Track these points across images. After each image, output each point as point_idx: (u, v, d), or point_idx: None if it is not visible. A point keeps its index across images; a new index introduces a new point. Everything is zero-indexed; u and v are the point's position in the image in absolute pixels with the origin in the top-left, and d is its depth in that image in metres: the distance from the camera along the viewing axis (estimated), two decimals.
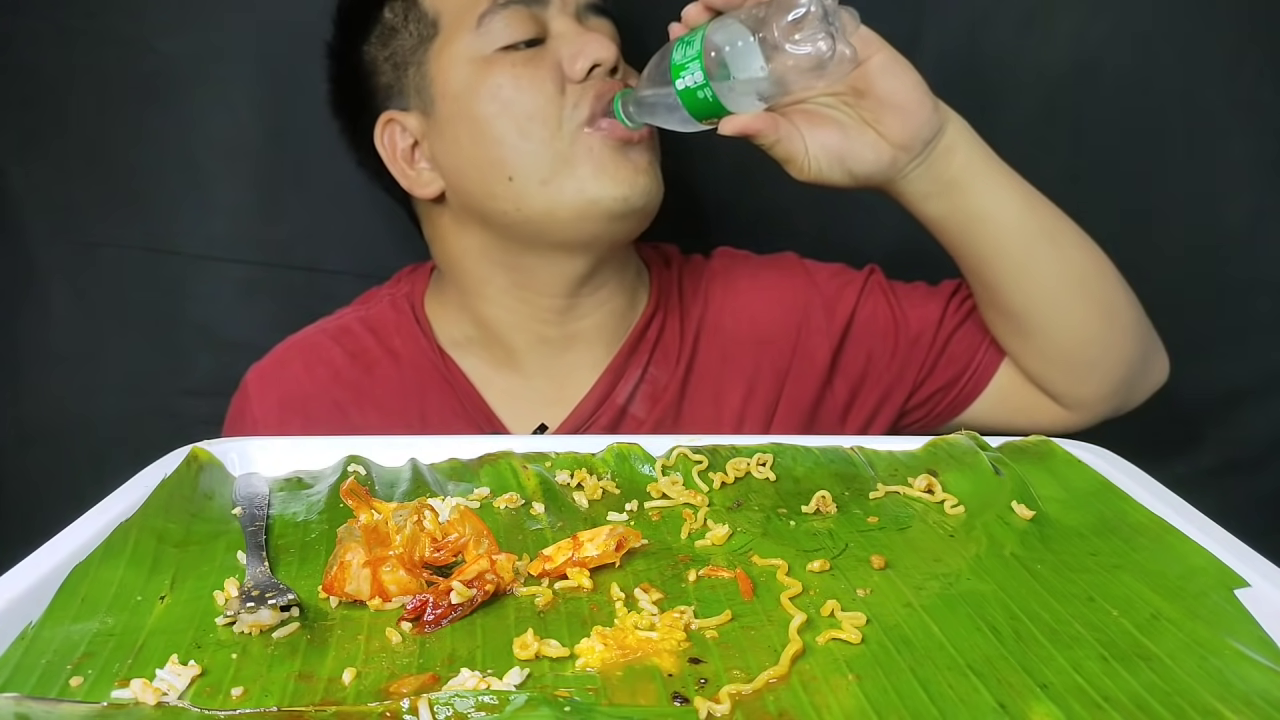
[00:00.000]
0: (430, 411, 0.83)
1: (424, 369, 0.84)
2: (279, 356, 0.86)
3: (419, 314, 0.86)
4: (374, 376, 0.84)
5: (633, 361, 0.84)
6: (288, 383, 0.84)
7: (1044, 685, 0.41)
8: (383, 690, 0.41)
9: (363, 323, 0.86)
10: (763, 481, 0.62)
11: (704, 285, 0.88)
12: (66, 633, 0.46)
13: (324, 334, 0.86)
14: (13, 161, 0.95)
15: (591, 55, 0.77)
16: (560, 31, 0.78)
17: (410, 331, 0.85)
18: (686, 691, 0.41)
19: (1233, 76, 0.95)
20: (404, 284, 0.90)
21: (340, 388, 0.83)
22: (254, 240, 0.98)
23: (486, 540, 0.51)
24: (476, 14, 0.78)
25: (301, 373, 0.84)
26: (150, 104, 0.94)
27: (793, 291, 0.87)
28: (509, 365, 0.84)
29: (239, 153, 0.96)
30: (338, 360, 0.84)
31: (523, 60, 0.77)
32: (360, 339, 0.85)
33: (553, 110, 0.76)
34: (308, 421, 0.82)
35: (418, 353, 0.84)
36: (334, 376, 0.83)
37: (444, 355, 0.84)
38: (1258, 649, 0.44)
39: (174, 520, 0.56)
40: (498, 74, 0.77)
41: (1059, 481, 0.60)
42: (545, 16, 0.79)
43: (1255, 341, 0.99)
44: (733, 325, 0.86)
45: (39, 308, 0.98)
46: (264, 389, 0.84)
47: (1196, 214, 0.97)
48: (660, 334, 0.86)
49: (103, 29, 0.92)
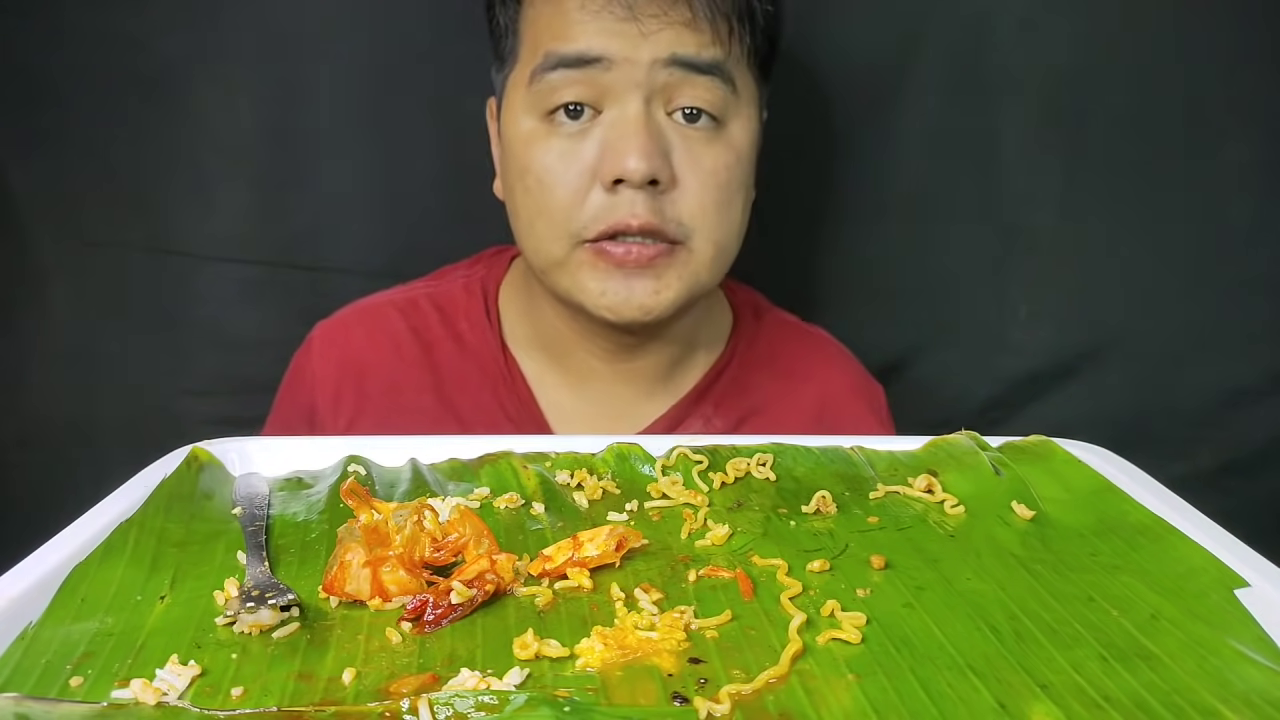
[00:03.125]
0: (482, 405, 0.81)
1: (485, 360, 0.82)
2: (345, 318, 0.85)
3: (490, 303, 0.84)
4: (433, 357, 0.82)
5: (695, 411, 0.82)
6: (349, 346, 0.83)
7: (1044, 685, 0.41)
8: (383, 690, 0.41)
9: (430, 299, 0.85)
10: (763, 481, 0.62)
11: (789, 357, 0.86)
12: (66, 633, 0.45)
13: (392, 305, 0.85)
14: (13, 161, 0.95)
15: (617, 167, 0.71)
16: (612, 117, 0.72)
17: (478, 319, 0.83)
18: (686, 691, 0.41)
19: (1233, 76, 0.95)
20: (482, 266, 0.87)
21: (398, 361, 0.82)
22: (255, 240, 0.97)
23: (486, 540, 0.51)
24: (532, 67, 0.73)
25: (363, 339, 0.83)
26: (152, 103, 0.94)
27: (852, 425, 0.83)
28: (568, 378, 0.82)
29: (241, 152, 0.96)
30: (400, 333, 0.83)
31: (563, 141, 0.72)
32: (426, 315, 0.84)
33: (565, 215, 0.73)
34: (361, 389, 0.81)
35: (481, 343, 0.83)
36: (394, 349, 0.82)
37: (507, 351, 0.83)
38: (1258, 649, 0.44)
39: (174, 520, 0.56)
40: (534, 150, 0.73)
41: (1059, 481, 0.60)
42: (606, 83, 0.71)
43: (1255, 341, 0.99)
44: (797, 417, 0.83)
45: (39, 308, 0.98)
46: (326, 347, 0.83)
47: (1196, 214, 0.97)
48: (730, 388, 0.83)
49: (104, 28, 0.92)
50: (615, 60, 0.71)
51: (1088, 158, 0.97)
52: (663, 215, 0.72)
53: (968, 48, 0.95)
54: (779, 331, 0.88)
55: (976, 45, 0.95)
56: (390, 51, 0.94)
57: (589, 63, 0.71)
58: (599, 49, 0.71)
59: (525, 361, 0.83)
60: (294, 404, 0.84)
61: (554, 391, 0.82)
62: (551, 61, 0.72)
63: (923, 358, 1.01)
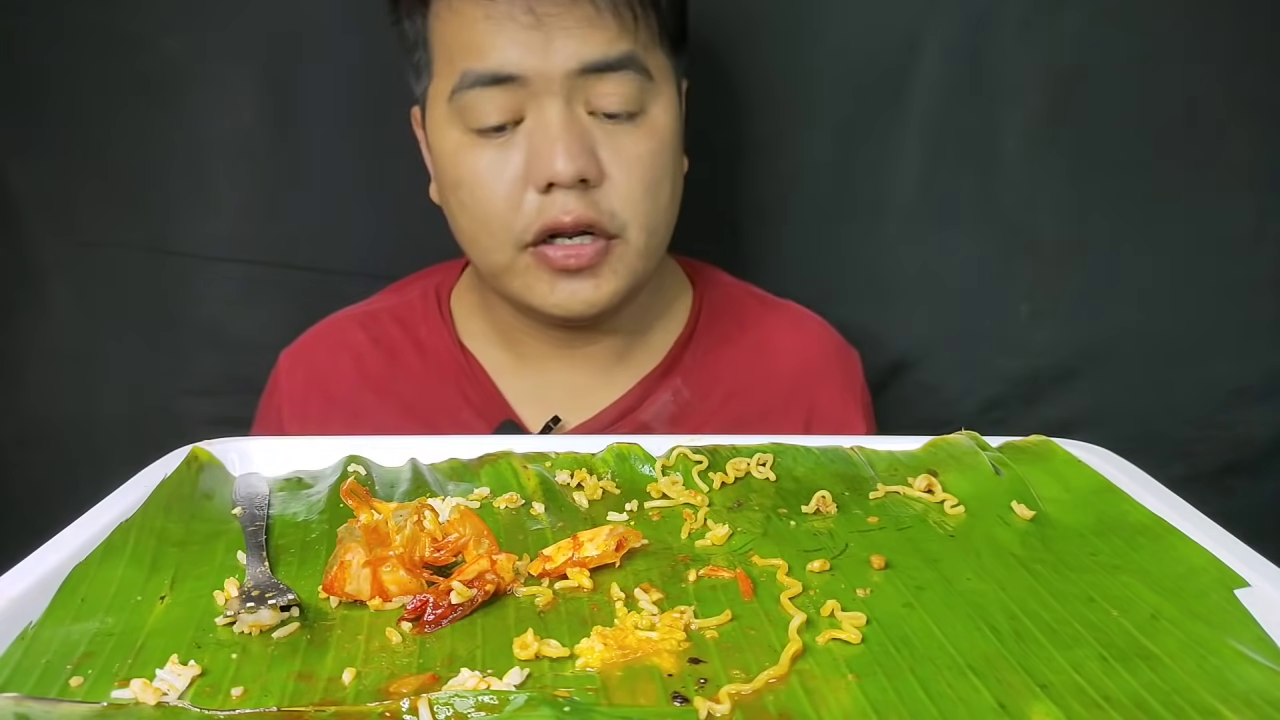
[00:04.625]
0: (446, 401, 0.83)
1: (445, 361, 0.84)
2: (308, 338, 0.87)
3: (444, 306, 0.86)
4: (396, 366, 0.84)
5: (663, 383, 0.83)
6: (313, 364, 0.85)
7: (1044, 685, 0.41)
8: (383, 690, 0.41)
9: (390, 311, 0.87)
10: (763, 481, 0.62)
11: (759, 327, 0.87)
12: (66, 633, 0.46)
13: (352, 319, 0.87)
14: (13, 161, 0.95)
15: (546, 172, 0.72)
16: (535, 124, 0.73)
17: (434, 322, 0.85)
18: (686, 691, 0.41)
19: (1233, 76, 0.95)
20: (436, 274, 0.89)
21: (361, 374, 0.84)
22: (255, 240, 0.97)
23: (486, 540, 0.51)
24: (450, 85, 0.74)
25: (326, 356, 0.85)
26: (151, 103, 0.94)
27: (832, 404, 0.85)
28: (526, 365, 0.84)
29: (240, 152, 0.96)
30: (362, 346, 0.85)
31: (491, 152, 0.74)
32: (386, 327, 0.86)
33: (503, 224, 0.74)
34: (329, 404, 0.83)
35: (439, 343, 0.85)
36: (356, 362, 0.84)
37: (464, 349, 0.84)
38: (1258, 649, 0.44)
39: (174, 520, 0.56)
40: (463, 163, 0.75)
41: (1059, 481, 0.60)
42: (524, 96, 0.73)
43: (1255, 341, 0.99)
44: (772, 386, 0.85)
45: (39, 308, 0.98)
46: (292, 369, 0.85)
47: (1196, 214, 0.97)
48: (697, 359, 0.84)
49: (103, 28, 0.92)
50: (529, 76, 0.72)
51: (1088, 158, 0.97)
52: (597, 208, 0.74)
53: (968, 48, 0.95)
54: (747, 302, 0.89)
55: (977, 45, 0.95)
56: (389, 52, 0.94)
57: (504, 80, 0.72)
58: (513, 66, 0.72)
59: (483, 355, 0.84)
60: (266, 430, 0.85)
61: (515, 379, 0.84)
62: (469, 80, 0.73)
63: (923, 358, 1.01)
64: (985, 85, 0.95)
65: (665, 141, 0.76)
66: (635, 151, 0.75)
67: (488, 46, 0.72)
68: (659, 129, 0.76)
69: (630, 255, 0.76)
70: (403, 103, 0.95)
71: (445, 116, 0.75)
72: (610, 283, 0.76)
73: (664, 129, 0.76)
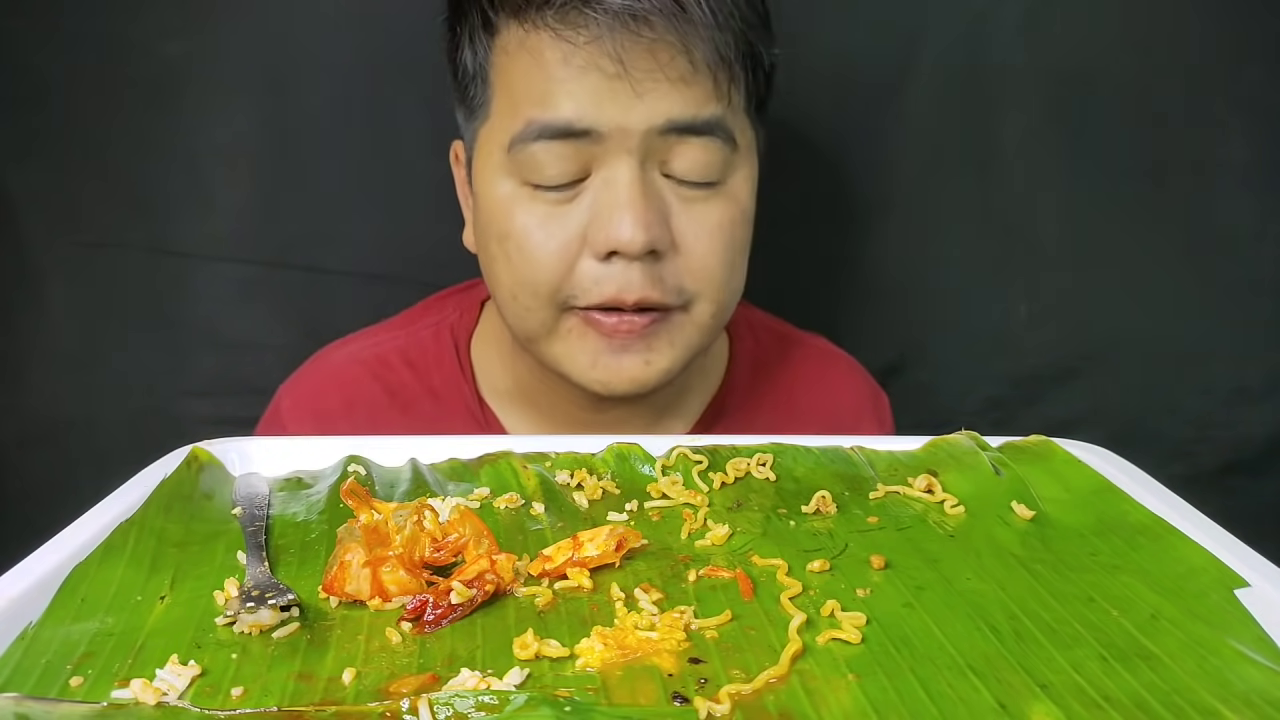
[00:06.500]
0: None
1: (462, 416, 0.78)
2: (314, 383, 0.81)
3: (462, 353, 0.80)
4: (411, 416, 0.78)
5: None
6: (323, 411, 0.79)
7: (1044, 685, 0.41)
8: (383, 690, 0.41)
9: (401, 354, 0.80)
10: (763, 481, 0.62)
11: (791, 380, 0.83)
12: (66, 633, 0.45)
13: (361, 365, 0.80)
14: (13, 161, 0.95)
15: (611, 239, 0.64)
16: (603, 181, 0.65)
17: (451, 372, 0.79)
18: (686, 691, 0.41)
19: (1233, 76, 0.95)
20: (451, 310, 0.82)
21: (378, 427, 0.77)
22: (254, 240, 0.97)
23: (486, 540, 0.51)
24: (511, 133, 0.66)
25: (338, 408, 0.79)
26: (151, 104, 0.94)
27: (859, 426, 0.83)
28: (553, 429, 0.77)
29: (239, 153, 0.96)
30: (378, 399, 0.78)
31: (547, 207, 0.66)
32: (398, 374, 0.79)
33: (551, 288, 0.67)
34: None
35: (456, 398, 0.78)
36: (370, 415, 0.78)
37: (484, 406, 0.79)
38: (1258, 649, 0.44)
39: (174, 520, 0.56)
40: (515, 215, 0.67)
41: (1059, 481, 0.60)
42: (595, 153, 0.65)
43: (1255, 341, 0.99)
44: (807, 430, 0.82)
45: (39, 308, 0.98)
46: (298, 410, 0.80)
47: (1196, 214, 0.97)
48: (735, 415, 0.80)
49: (103, 29, 0.92)
50: (605, 132, 0.64)
51: (1088, 157, 0.97)
52: (662, 285, 0.67)
53: (968, 48, 0.95)
54: (777, 347, 0.84)
55: (976, 45, 0.95)
56: (388, 53, 0.94)
57: (576, 134, 0.64)
58: (589, 120, 0.64)
59: (504, 413, 0.79)
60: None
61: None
62: (533, 132, 0.65)
63: (923, 358, 1.01)
64: (984, 85, 0.95)
65: (745, 211, 0.70)
66: (714, 221, 0.68)
67: (561, 95, 0.64)
68: (739, 198, 0.69)
69: (691, 330, 0.70)
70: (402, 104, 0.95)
71: (500, 165, 0.68)
72: (664, 359, 0.69)
73: (744, 199, 0.70)
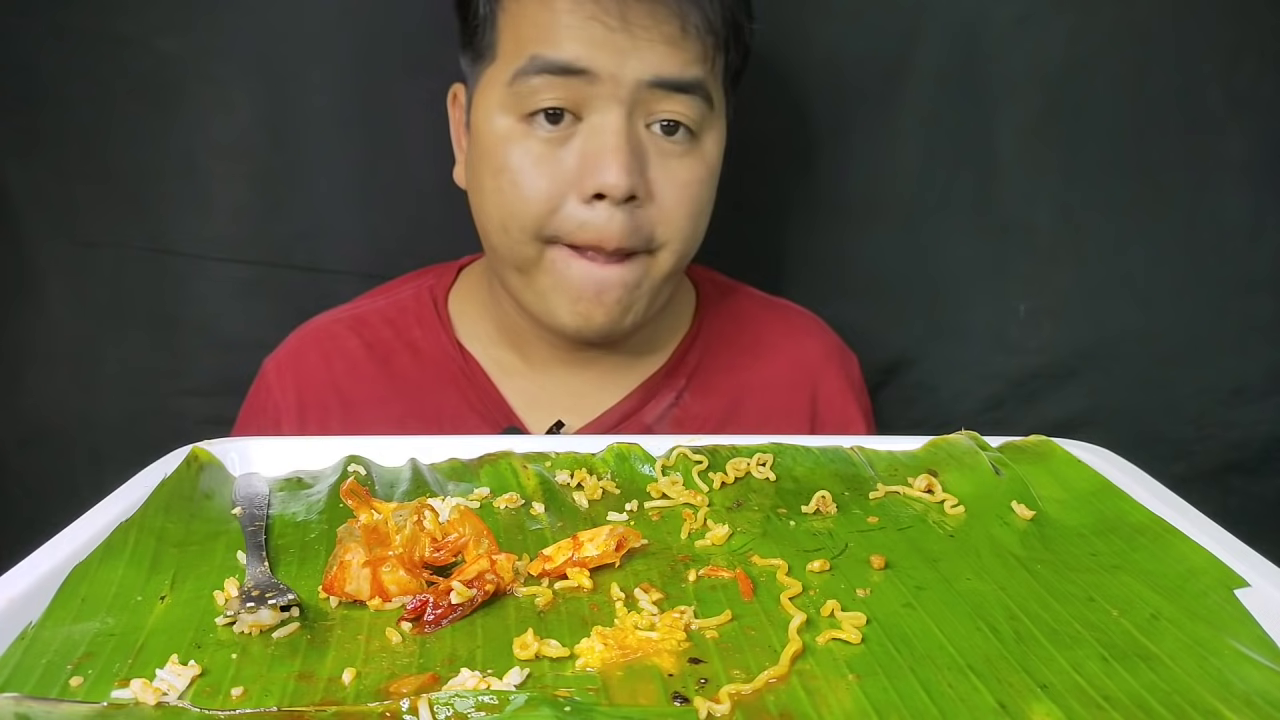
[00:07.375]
0: (447, 406, 0.82)
1: (442, 363, 0.83)
2: (295, 347, 0.85)
3: (440, 307, 0.85)
4: (392, 368, 0.83)
5: (666, 385, 0.83)
6: (306, 373, 0.83)
7: (1044, 685, 0.41)
8: (383, 690, 0.41)
9: (379, 314, 0.85)
10: (763, 481, 0.62)
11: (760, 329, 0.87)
12: (66, 633, 0.45)
13: (340, 323, 0.85)
14: (11, 161, 0.95)
15: (597, 181, 0.71)
16: (593, 127, 0.72)
17: (430, 323, 0.84)
18: (686, 691, 0.41)
19: (1233, 76, 0.95)
20: (429, 277, 0.88)
21: (358, 379, 0.83)
22: (254, 240, 0.97)
23: (486, 540, 0.51)
24: (514, 69, 0.72)
25: (319, 363, 0.83)
26: (150, 104, 0.94)
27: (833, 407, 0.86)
28: (530, 366, 0.83)
29: (239, 153, 0.96)
30: (355, 351, 0.83)
31: (540, 145, 0.72)
32: (377, 330, 0.84)
33: (538, 222, 0.73)
34: (325, 412, 0.82)
35: (436, 346, 0.84)
36: (352, 369, 0.83)
37: (463, 350, 0.84)
38: (1258, 649, 0.44)
39: (174, 520, 0.56)
40: (511, 150, 0.73)
41: (1059, 481, 0.60)
42: (588, 94, 0.71)
43: (1255, 341, 0.99)
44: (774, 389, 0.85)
45: (39, 308, 0.98)
46: (283, 379, 0.84)
47: (1196, 213, 0.97)
48: (700, 362, 0.85)
49: (103, 29, 0.92)
50: (600, 75, 0.71)
51: (1087, 156, 0.97)
52: (638, 232, 0.74)
53: (966, 47, 0.95)
54: (747, 305, 0.89)
55: (975, 45, 0.95)
56: (387, 52, 0.94)
57: (574, 73, 0.71)
58: (586, 61, 0.70)
59: (483, 356, 0.84)
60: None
61: (517, 380, 0.83)
62: (536, 66, 0.71)
63: (923, 358, 1.01)
64: (983, 84, 0.95)
65: (713, 170, 0.77)
66: (686, 176, 0.75)
67: (565, 37, 0.71)
68: (709, 157, 0.76)
69: (657, 276, 0.76)
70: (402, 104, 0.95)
71: (499, 100, 0.74)
72: (635, 307, 0.76)
73: (713, 158, 0.77)
